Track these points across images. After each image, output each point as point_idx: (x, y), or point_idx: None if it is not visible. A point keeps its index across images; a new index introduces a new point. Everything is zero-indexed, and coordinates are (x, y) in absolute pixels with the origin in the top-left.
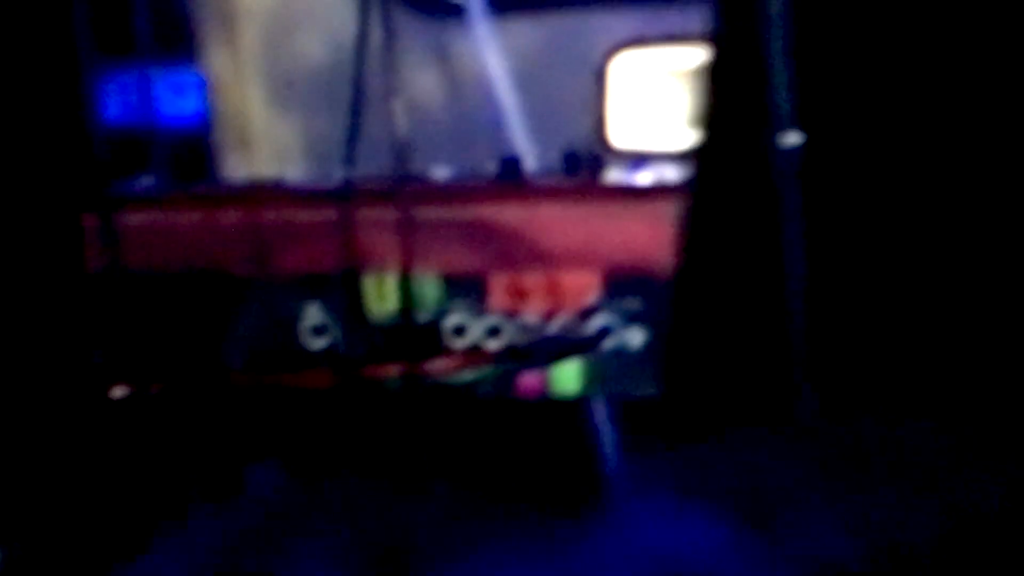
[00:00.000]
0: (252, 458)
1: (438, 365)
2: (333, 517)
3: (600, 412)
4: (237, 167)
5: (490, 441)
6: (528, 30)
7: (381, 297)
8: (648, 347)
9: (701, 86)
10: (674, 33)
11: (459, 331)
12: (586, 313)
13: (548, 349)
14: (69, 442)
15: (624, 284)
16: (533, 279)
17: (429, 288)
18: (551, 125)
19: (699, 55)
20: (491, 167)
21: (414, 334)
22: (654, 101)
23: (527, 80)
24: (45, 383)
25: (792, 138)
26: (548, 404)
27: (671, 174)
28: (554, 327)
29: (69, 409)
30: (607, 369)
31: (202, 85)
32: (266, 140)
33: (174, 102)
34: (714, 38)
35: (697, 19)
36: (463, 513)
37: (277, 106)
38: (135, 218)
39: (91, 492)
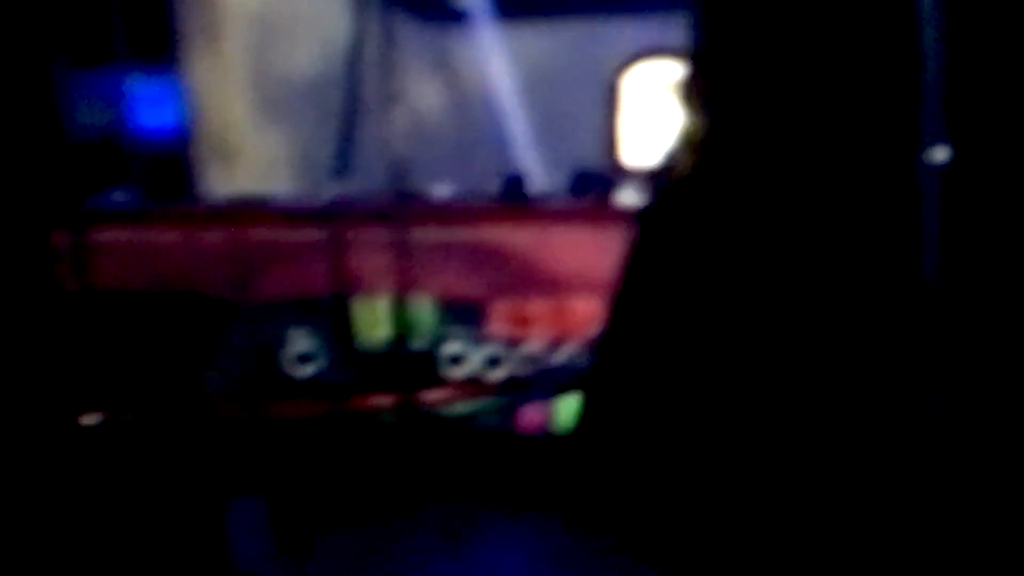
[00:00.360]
0: (235, 493)
1: (433, 396)
2: (321, 555)
3: None
4: (220, 183)
5: (488, 478)
6: (536, 39)
7: (373, 323)
8: None
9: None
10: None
11: (456, 360)
12: (593, 343)
13: (552, 381)
14: (36, 472)
15: None
16: (537, 306)
17: (424, 314)
18: (559, 141)
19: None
20: (494, 185)
21: (408, 363)
22: (670, 117)
23: (534, 93)
24: (12, 409)
25: (940, 154)
26: (551, 440)
27: None
28: (559, 358)
29: (37, 437)
30: None
31: (183, 95)
32: (251, 154)
33: (152, 113)
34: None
35: None
36: (457, 553)
37: (263, 117)
38: (110, 236)
39: (58, 527)
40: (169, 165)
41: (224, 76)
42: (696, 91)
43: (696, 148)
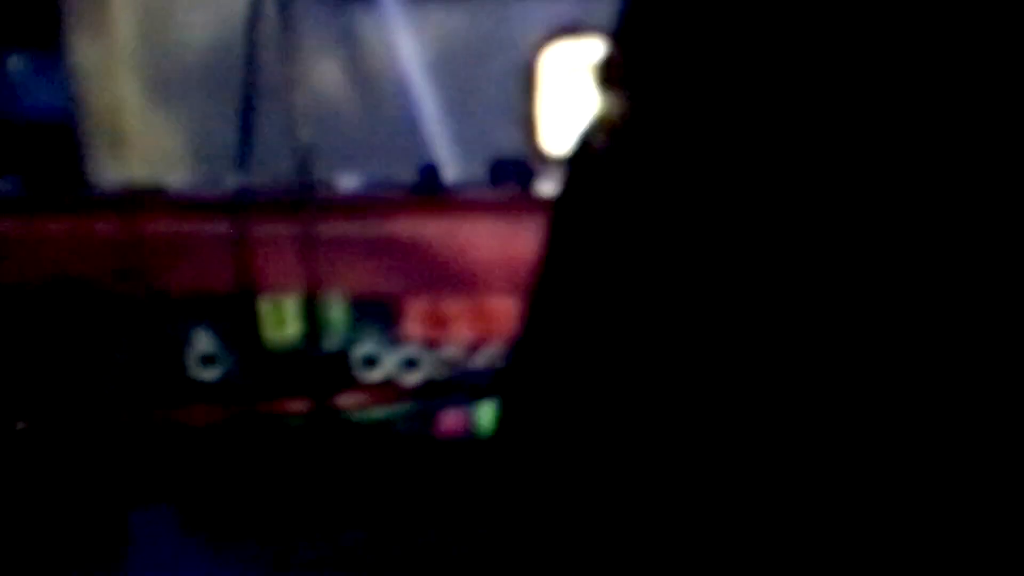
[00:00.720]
0: (136, 505)
1: (346, 401)
2: (228, 568)
3: None
4: (110, 171)
5: (405, 486)
6: (447, 17)
7: (280, 322)
8: None
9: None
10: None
11: (370, 362)
12: (510, 343)
13: (472, 385)
14: None
15: None
16: (454, 305)
17: (335, 313)
18: (475, 127)
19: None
20: (406, 175)
21: (318, 365)
22: (592, 100)
23: (447, 76)
24: None
25: None
26: (471, 446)
27: None
28: (479, 360)
29: None
30: None
31: (68, 76)
32: (143, 140)
33: (36, 95)
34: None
35: None
36: (370, 565)
37: (156, 100)
38: None
39: None
40: (55, 152)
41: (112, 56)
42: (615, 71)
43: (613, 133)
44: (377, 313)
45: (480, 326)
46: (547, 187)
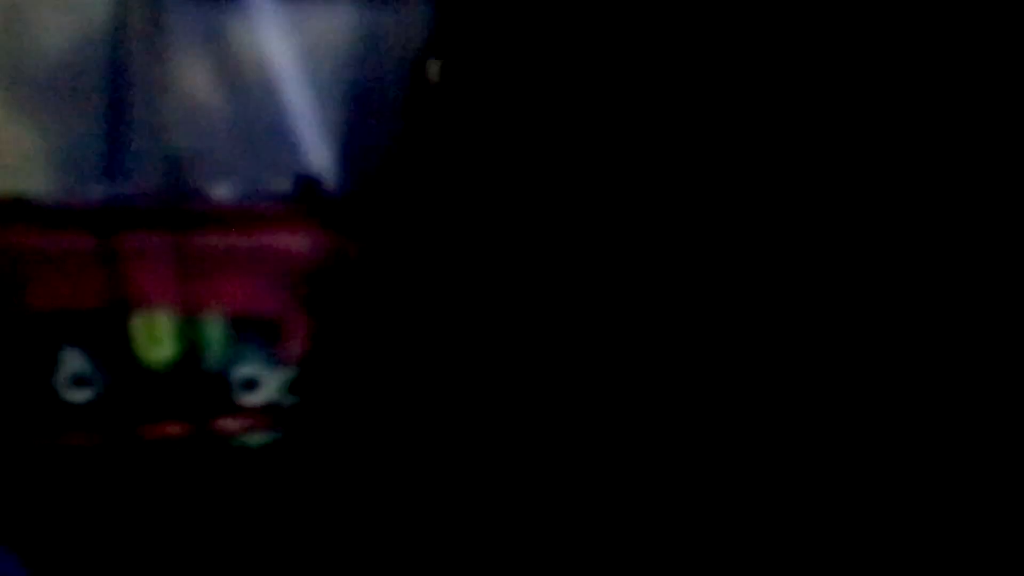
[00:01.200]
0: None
1: (227, 425)
2: None
3: None
4: None
5: (291, 515)
6: (325, 14)
7: (154, 341)
8: None
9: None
10: None
11: (251, 385)
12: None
13: None
14: None
15: None
16: None
17: (212, 332)
18: (355, 134)
19: None
20: (284, 185)
21: (196, 387)
22: None
23: (324, 79)
24: None
25: None
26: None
27: None
28: None
29: None
30: None
31: None
32: (3, 148)
33: None
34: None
35: None
36: None
37: (15, 106)
38: None
39: None
40: None
41: None
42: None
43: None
44: (257, 332)
45: None
46: None
